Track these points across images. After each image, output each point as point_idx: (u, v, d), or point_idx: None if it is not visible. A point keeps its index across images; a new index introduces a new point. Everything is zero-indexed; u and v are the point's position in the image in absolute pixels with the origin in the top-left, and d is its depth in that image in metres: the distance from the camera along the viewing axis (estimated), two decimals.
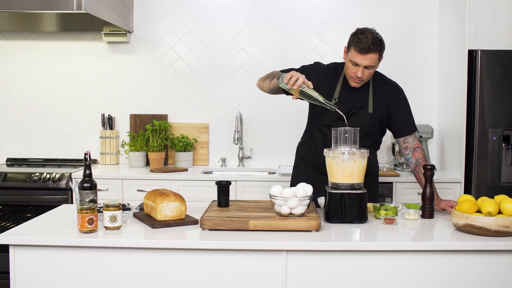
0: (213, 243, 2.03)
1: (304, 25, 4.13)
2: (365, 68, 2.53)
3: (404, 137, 2.74)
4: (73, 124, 4.25)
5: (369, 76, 2.60)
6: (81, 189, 2.19)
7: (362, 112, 2.64)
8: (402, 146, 2.75)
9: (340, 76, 2.72)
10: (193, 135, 4.18)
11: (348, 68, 2.59)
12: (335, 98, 2.66)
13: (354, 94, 2.67)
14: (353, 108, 2.63)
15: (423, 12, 4.09)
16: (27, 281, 2.07)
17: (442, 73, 4.00)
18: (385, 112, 2.70)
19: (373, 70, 2.58)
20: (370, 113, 2.66)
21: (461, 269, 2.05)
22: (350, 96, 2.67)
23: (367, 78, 2.60)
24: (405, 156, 2.75)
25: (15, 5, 3.19)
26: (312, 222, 2.13)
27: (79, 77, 4.22)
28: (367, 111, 2.66)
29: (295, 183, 2.60)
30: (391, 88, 2.74)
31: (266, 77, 2.71)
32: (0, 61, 4.24)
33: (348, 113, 2.56)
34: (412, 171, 2.73)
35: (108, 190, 3.65)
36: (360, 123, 2.57)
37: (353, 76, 2.58)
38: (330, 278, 2.04)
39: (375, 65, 2.55)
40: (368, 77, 2.60)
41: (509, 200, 2.11)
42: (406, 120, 2.74)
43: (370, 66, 2.53)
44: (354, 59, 2.52)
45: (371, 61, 2.51)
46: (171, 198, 2.24)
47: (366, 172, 2.36)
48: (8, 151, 4.28)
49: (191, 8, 4.15)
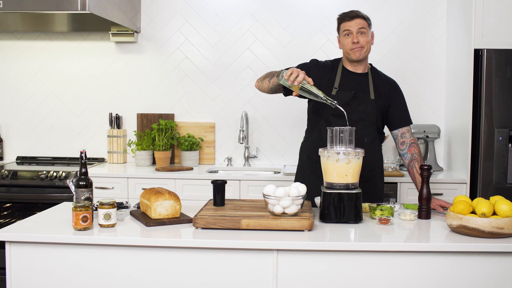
0: (204, 241, 2.04)
1: (310, 24, 4.12)
2: (358, 34, 2.66)
3: (402, 132, 2.77)
4: (81, 123, 4.30)
5: (367, 44, 2.68)
6: (76, 187, 2.22)
7: (365, 99, 2.68)
8: (399, 141, 2.78)
9: (338, 67, 2.79)
10: (199, 134, 4.20)
11: (344, 44, 2.71)
12: (336, 87, 2.71)
13: (355, 81, 2.74)
14: (356, 93, 2.68)
15: (431, 10, 4.05)
16: (23, 276, 2.10)
17: (449, 72, 3.96)
18: (385, 104, 2.76)
19: (367, 37, 2.68)
20: (373, 99, 2.71)
21: (454, 271, 2.03)
22: (350, 83, 2.73)
23: (365, 45, 2.68)
24: (401, 151, 2.78)
25: (20, 5, 3.24)
26: (304, 221, 2.13)
27: (87, 76, 4.28)
28: (370, 97, 2.71)
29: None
30: (388, 83, 2.81)
31: (265, 77, 2.73)
32: (10, 61, 4.31)
33: (352, 98, 2.65)
34: (407, 166, 2.75)
35: (114, 188, 3.69)
36: (365, 109, 2.67)
37: (351, 46, 2.67)
38: (321, 278, 2.04)
39: (366, 29, 2.67)
40: (365, 44, 2.68)
41: (504, 202, 2.08)
42: (403, 112, 2.79)
43: (362, 30, 2.66)
44: (346, 28, 2.68)
45: (361, 24, 2.66)
46: (166, 196, 2.26)
47: (367, 167, 2.37)
48: (18, 150, 4.35)
49: (198, 8, 4.17)
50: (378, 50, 4.08)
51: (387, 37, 4.08)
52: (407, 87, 4.08)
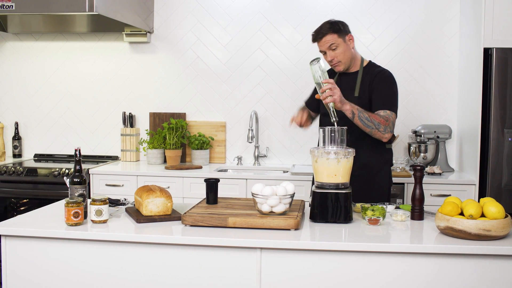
0: (190, 238, 2.08)
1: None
2: (330, 51, 2.74)
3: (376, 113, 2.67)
4: (96, 121, 4.40)
5: (343, 56, 2.75)
6: (71, 184, 2.28)
7: (348, 97, 2.64)
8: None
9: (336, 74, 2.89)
10: (210, 134, 4.24)
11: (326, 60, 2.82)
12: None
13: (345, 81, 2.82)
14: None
15: (443, 9, 3.98)
16: (18, 269, 2.18)
17: (461, 72, 3.89)
18: (369, 95, 2.75)
19: (341, 48, 2.74)
20: (356, 96, 2.73)
21: (441, 273, 2.00)
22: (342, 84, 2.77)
23: (342, 58, 2.76)
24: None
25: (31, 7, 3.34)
26: (290, 220, 2.14)
27: (102, 76, 4.38)
28: (353, 95, 2.74)
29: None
30: (376, 72, 2.79)
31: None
32: (29, 61, 4.45)
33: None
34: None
35: (124, 186, 3.76)
36: None
37: (329, 64, 2.81)
38: (305, 277, 2.05)
39: (336, 43, 2.73)
40: (341, 57, 2.75)
41: (493, 204, 2.04)
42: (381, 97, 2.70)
43: (332, 47, 2.72)
44: (319, 48, 2.79)
45: (329, 40, 2.72)
46: (157, 194, 2.31)
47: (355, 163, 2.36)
48: (36, 147, 4.49)
49: (209, 9, 4.22)
50: (390, 49, 4.05)
51: (398, 36, 4.04)
52: (418, 87, 4.04)
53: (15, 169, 3.86)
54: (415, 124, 4.03)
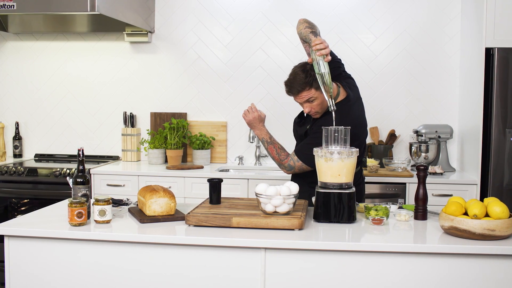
0: (194, 238, 2.07)
1: (322, 24, 4.09)
2: (307, 103, 2.58)
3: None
4: (97, 121, 4.40)
5: (320, 107, 2.59)
6: (74, 184, 2.27)
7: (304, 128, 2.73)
8: None
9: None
10: (211, 133, 4.24)
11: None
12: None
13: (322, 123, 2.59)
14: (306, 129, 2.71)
15: (445, 9, 3.99)
16: (21, 269, 2.17)
17: (463, 71, 3.90)
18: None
19: (318, 100, 2.56)
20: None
21: (446, 273, 2.00)
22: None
23: (319, 109, 2.60)
24: None
25: (33, 7, 3.34)
26: (295, 220, 2.14)
27: (102, 76, 4.37)
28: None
29: None
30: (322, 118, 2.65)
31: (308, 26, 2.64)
32: (30, 61, 4.44)
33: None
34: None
35: (125, 186, 3.76)
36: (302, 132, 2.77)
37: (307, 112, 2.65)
38: (308, 277, 2.04)
39: (314, 96, 2.55)
40: (319, 108, 2.59)
41: (497, 203, 2.04)
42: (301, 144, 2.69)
43: (310, 100, 2.57)
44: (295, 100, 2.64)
45: (306, 96, 2.55)
46: (160, 194, 2.30)
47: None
48: (36, 147, 4.48)
49: (210, 8, 4.21)
50: (391, 49, 4.05)
51: (400, 36, 4.04)
52: (420, 87, 4.05)
53: (15, 169, 3.85)
54: (417, 124, 4.03)
